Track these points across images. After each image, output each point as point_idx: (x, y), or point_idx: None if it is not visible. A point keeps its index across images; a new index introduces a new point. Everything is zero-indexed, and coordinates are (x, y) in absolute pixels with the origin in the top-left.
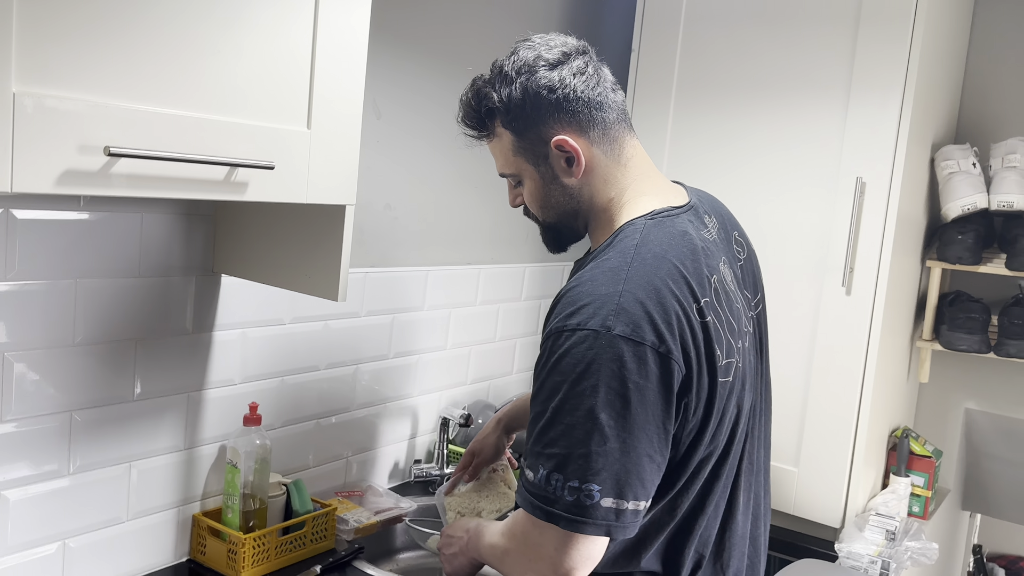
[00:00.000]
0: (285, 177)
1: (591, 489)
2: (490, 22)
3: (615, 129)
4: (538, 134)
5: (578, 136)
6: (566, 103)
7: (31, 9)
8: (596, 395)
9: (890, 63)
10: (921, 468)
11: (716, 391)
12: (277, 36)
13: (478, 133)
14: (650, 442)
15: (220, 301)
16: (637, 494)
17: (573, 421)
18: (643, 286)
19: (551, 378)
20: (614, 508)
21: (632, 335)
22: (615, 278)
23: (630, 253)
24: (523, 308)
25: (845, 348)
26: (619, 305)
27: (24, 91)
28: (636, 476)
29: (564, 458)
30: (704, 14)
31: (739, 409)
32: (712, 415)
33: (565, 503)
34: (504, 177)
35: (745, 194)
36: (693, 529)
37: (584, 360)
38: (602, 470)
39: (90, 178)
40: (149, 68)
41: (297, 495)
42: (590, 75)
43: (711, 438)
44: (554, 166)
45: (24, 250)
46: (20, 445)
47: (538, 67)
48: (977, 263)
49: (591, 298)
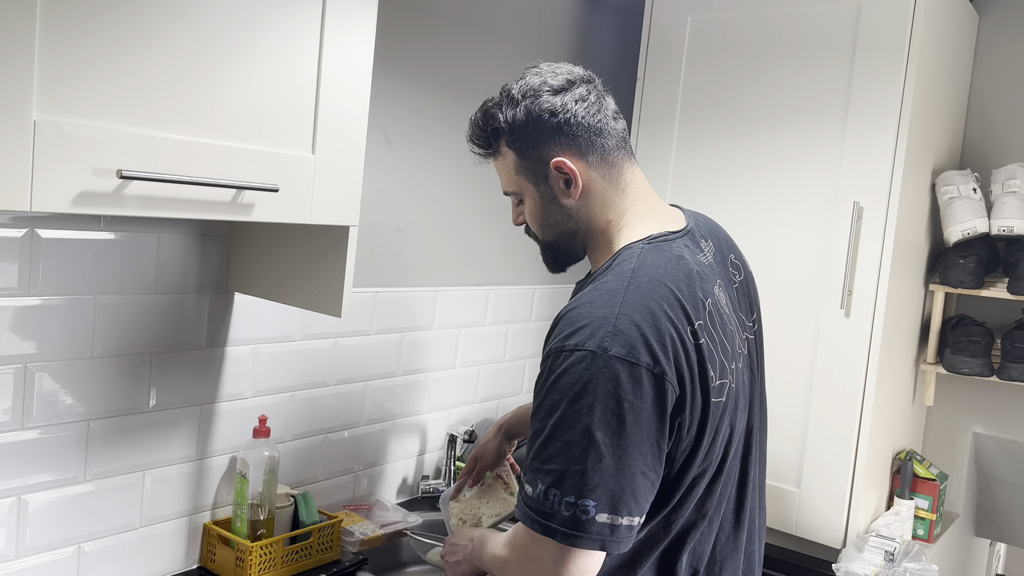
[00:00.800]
0: (290, 199)
1: (587, 505)
2: (498, 52)
3: (614, 155)
4: (539, 155)
5: (577, 159)
6: (566, 127)
7: (52, 44)
8: (592, 414)
9: (886, 91)
10: (926, 491)
11: (709, 411)
12: (283, 66)
13: (484, 151)
14: (644, 460)
15: (233, 318)
16: (631, 510)
17: (570, 438)
18: (639, 309)
19: (550, 396)
20: (609, 523)
21: (628, 356)
22: (612, 300)
23: (627, 276)
24: (532, 329)
25: (844, 370)
26: (615, 327)
27: (44, 119)
28: (630, 493)
29: (561, 474)
30: (707, 45)
31: (732, 428)
32: (705, 434)
33: (562, 518)
34: (507, 195)
35: (746, 219)
36: (687, 544)
37: (581, 380)
38: (597, 486)
39: (104, 199)
40: (160, 97)
41: (304, 506)
42: (592, 102)
43: (704, 456)
44: (553, 186)
45: (47, 267)
46: (40, 452)
47: (542, 92)
48: (979, 287)
49: (589, 319)
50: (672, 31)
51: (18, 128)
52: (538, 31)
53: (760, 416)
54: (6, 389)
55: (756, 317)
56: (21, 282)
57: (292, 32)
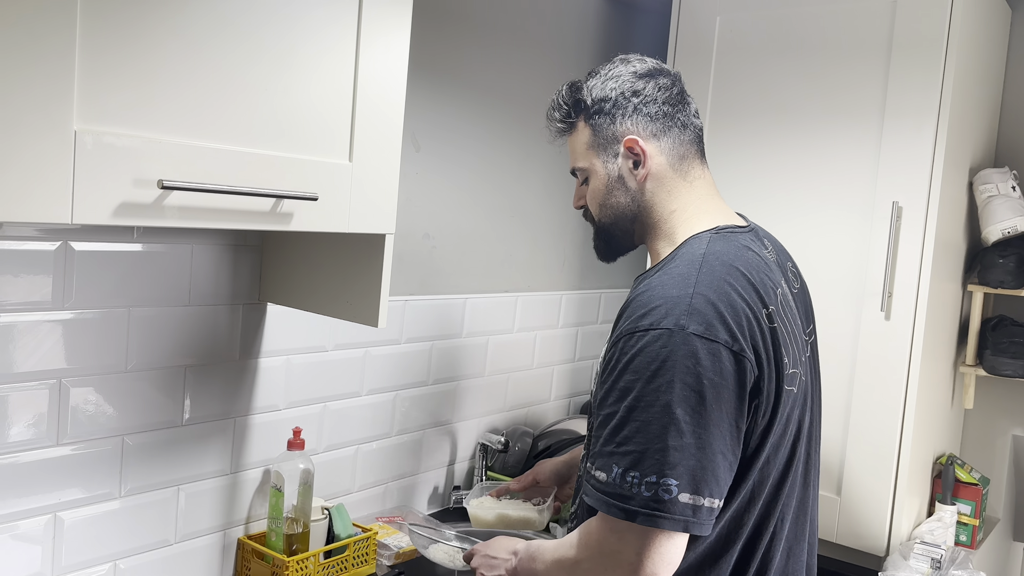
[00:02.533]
0: (328, 208)
1: (669, 484)
2: (524, 56)
3: (687, 148)
4: (614, 132)
5: (649, 142)
6: (644, 107)
7: (92, 54)
8: (672, 391)
9: (924, 89)
10: (968, 496)
11: (782, 397)
12: (321, 73)
13: (563, 123)
14: (723, 440)
15: (266, 329)
16: (712, 491)
17: (648, 418)
18: (714, 289)
19: (623, 378)
20: (691, 504)
21: (705, 333)
22: (685, 282)
23: (698, 260)
24: (560, 335)
25: (885, 374)
26: (691, 306)
27: (84, 129)
28: (711, 472)
29: (640, 455)
30: (736, 44)
31: (800, 425)
32: (776, 422)
33: (642, 499)
34: (574, 174)
35: (782, 221)
36: (757, 551)
37: (659, 358)
38: (678, 464)
39: (144, 210)
40: (200, 105)
41: (339, 519)
42: (674, 93)
43: (775, 448)
44: (621, 166)
45: (81, 280)
46: (75, 468)
47: (627, 73)
48: (1019, 287)
49: (662, 300)
50: (701, 31)
51: (59, 139)
52: (564, 35)
53: (818, 427)
54: (41, 405)
55: (813, 327)
56: (55, 296)
57: (329, 39)
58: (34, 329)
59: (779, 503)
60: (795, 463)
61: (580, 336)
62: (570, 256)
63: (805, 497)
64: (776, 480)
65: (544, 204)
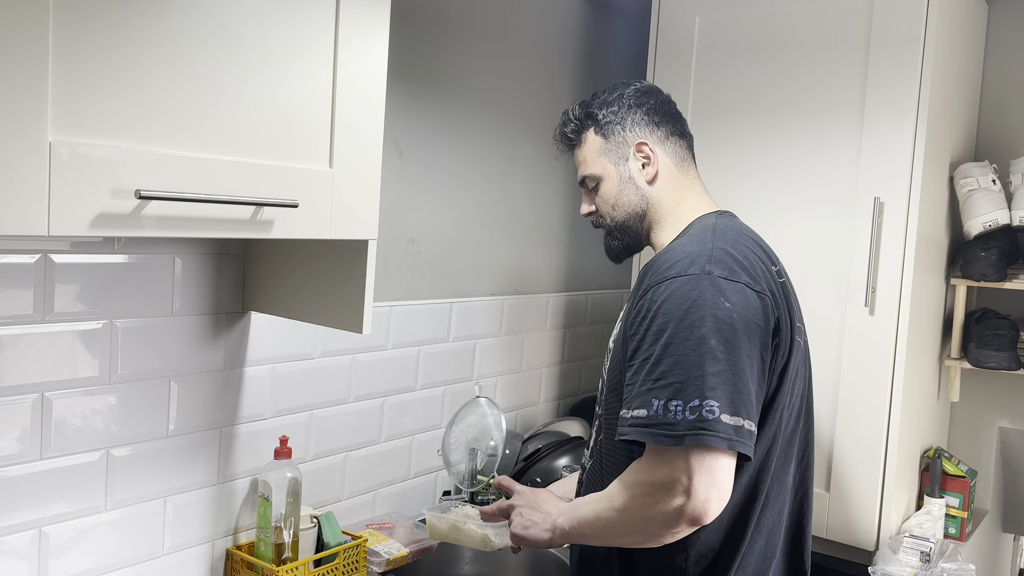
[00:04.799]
0: (309, 214)
1: (711, 405)
2: (505, 60)
3: (685, 152)
4: (624, 138)
5: (656, 144)
6: (649, 116)
7: (65, 64)
8: (704, 325)
9: (903, 85)
10: (956, 489)
11: (795, 346)
12: (299, 81)
13: (573, 138)
14: (753, 369)
15: (250, 338)
16: (750, 414)
17: (685, 350)
18: (729, 243)
19: (656, 322)
20: (733, 424)
21: (729, 276)
22: (703, 240)
23: (711, 227)
24: (548, 338)
25: (871, 368)
26: (712, 256)
27: (59, 140)
28: (747, 396)
29: (681, 384)
30: (716, 44)
31: (805, 383)
32: (790, 367)
33: (688, 422)
34: (583, 184)
35: (765, 220)
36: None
37: (689, 298)
38: (717, 387)
39: (122, 220)
40: (177, 114)
41: (328, 527)
42: (671, 107)
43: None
44: (632, 168)
45: (62, 293)
46: (60, 481)
47: (631, 90)
48: (1002, 279)
49: (684, 255)
50: (681, 31)
51: (33, 150)
52: (545, 37)
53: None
54: (23, 418)
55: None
56: (36, 309)
57: (306, 45)
58: (15, 343)
59: (792, 452)
60: (801, 418)
61: (568, 338)
62: (556, 258)
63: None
64: (790, 430)
65: (529, 207)
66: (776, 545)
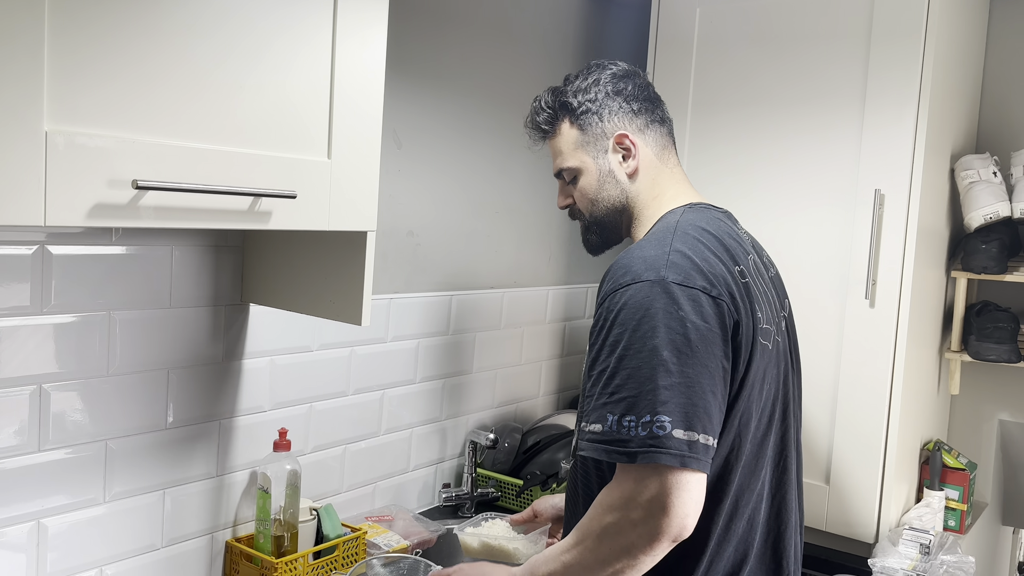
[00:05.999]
0: (307, 206)
1: (662, 420)
2: (505, 51)
3: (665, 139)
4: (602, 129)
5: (636, 135)
6: (628, 104)
7: (61, 53)
8: (656, 335)
9: (904, 76)
10: (955, 481)
11: (757, 349)
12: (297, 71)
13: (547, 128)
14: (711, 378)
15: (249, 330)
16: (706, 427)
17: (638, 363)
18: (688, 246)
19: (612, 332)
20: (686, 440)
21: (684, 281)
22: (661, 243)
23: (672, 226)
24: (547, 331)
25: (871, 361)
26: (668, 260)
27: (56, 129)
28: (703, 409)
29: (634, 399)
30: (716, 35)
31: (777, 385)
32: (752, 371)
33: (640, 439)
34: (559, 176)
35: (765, 210)
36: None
37: (643, 306)
38: (669, 401)
39: (119, 211)
40: (174, 104)
41: (328, 520)
42: (650, 92)
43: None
44: (611, 160)
45: (60, 284)
46: (58, 473)
47: (607, 75)
48: (1003, 272)
49: (640, 259)
50: (681, 23)
51: (29, 140)
52: (545, 29)
53: (796, 394)
54: (21, 410)
55: (788, 307)
56: (33, 301)
57: (304, 34)
58: (12, 334)
59: (763, 460)
60: (774, 422)
61: (568, 331)
62: (556, 251)
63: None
64: (760, 435)
65: (529, 199)
66: (748, 553)
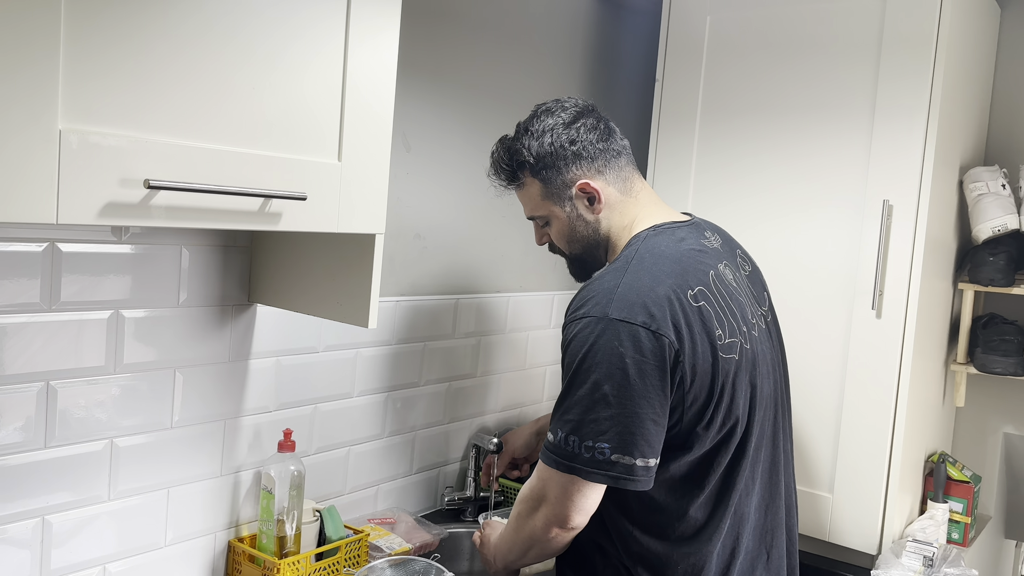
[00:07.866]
0: (317, 207)
1: (602, 447)
2: (516, 56)
3: (626, 170)
4: (563, 181)
5: (596, 178)
6: (584, 152)
7: (76, 52)
8: (598, 370)
9: (914, 88)
10: (959, 494)
11: (719, 365)
12: (309, 74)
13: (508, 184)
14: (651, 407)
15: (256, 330)
16: (644, 452)
17: (583, 393)
18: (640, 276)
19: (565, 359)
20: (623, 463)
21: (626, 318)
22: (617, 274)
23: (632, 255)
24: (552, 336)
25: (877, 372)
26: (617, 294)
27: (69, 128)
28: (641, 437)
29: (578, 423)
30: (727, 44)
31: (754, 387)
32: (717, 385)
33: (583, 459)
34: (532, 220)
35: (773, 219)
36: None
37: (587, 342)
38: (608, 431)
39: (131, 210)
40: (187, 105)
41: (331, 521)
42: (601, 129)
43: (728, 409)
44: (578, 206)
45: (68, 282)
46: (64, 470)
47: (557, 125)
48: (1010, 285)
49: (595, 292)
50: (691, 30)
51: (43, 138)
52: (555, 35)
53: (785, 388)
54: (28, 407)
55: (769, 302)
56: (43, 297)
57: (317, 38)
58: (21, 331)
59: (745, 460)
60: (756, 424)
61: None
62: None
63: (776, 457)
64: (739, 440)
65: None
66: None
